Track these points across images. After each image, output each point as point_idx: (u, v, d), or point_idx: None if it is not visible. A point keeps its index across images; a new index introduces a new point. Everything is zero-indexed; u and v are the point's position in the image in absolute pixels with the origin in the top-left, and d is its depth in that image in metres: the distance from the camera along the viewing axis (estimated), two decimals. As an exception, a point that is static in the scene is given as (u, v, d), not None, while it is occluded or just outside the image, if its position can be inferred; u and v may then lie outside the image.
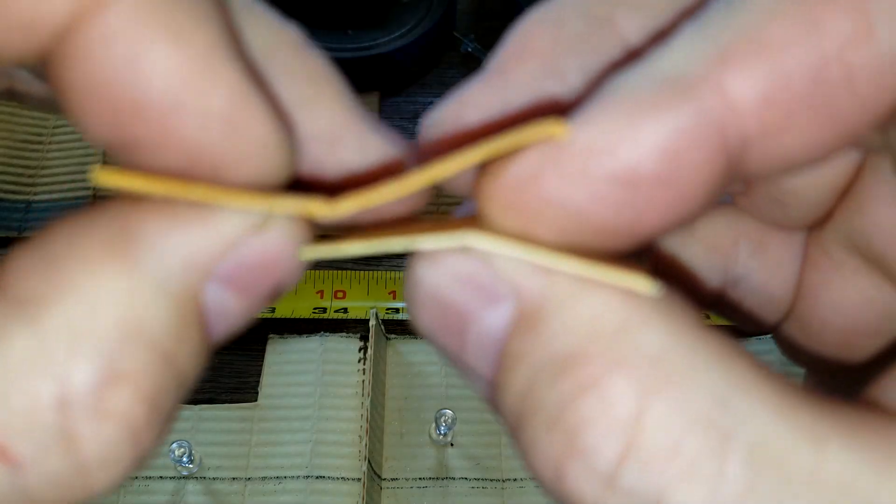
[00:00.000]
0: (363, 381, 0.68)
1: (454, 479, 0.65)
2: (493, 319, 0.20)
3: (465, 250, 0.20)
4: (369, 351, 0.68)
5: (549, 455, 0.18)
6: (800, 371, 0.31)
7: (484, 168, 0.21)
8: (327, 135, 0.23)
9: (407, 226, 0.21)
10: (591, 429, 0.18)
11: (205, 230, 0.19)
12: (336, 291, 0.73)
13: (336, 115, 0.23)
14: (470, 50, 0.88)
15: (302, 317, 0.72)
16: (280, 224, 0.20)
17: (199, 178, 0.19)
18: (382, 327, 0.70)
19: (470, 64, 0.88)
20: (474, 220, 0.21)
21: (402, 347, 0.71)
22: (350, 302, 0.73)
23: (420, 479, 0.66)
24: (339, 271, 0.74)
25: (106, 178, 0.18)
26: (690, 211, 0.20)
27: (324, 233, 0.22)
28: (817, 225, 0.28)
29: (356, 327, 0.72)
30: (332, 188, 0.23)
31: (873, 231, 0.26)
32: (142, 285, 0.18)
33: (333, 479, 0.65)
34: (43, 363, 0.18)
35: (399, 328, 0.71)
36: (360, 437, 0.65)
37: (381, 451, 0.66)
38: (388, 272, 0.75)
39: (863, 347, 0.28)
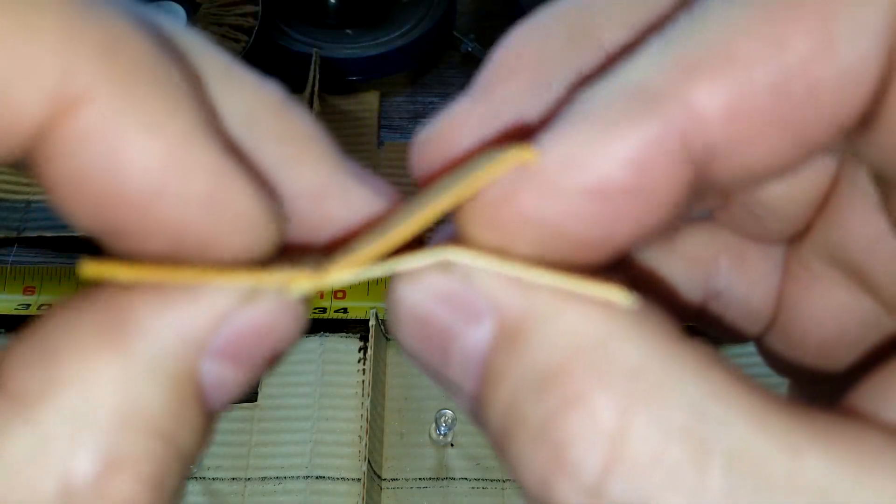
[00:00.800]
0: (363, 381, 0.68)
1: (454, 479, 0.66)
2: (475, 336, 0.20)
3: (445, 267, 0.20)
4: (369, 351, 0.68)
5: (536, 469, 0.19)
6: (783, 380, 0.31)
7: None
8: (313, 193, 0.23)
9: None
10: (576, 443, 0.18)
11: (196, 307, 0.20)
12: (336, 291, 0.73)
13: (321, 173, 0.23)
14: (470, 50, 0.88)
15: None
16: (272, 289, 0.20)
17: (187, 257, 0.20)
18: (382, 327, 0.70)
19: (470, 64, 0.88)
20: (454, 240, 0.22)
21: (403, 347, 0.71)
22: (350, 302, 0.73)
23: (420, 479, 0.65)
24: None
25: (93, 270, 0.19)
26: (661, 221, 0.21)
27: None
28: (796, 238, 0.28)
29: (356, 327, 0.72)
30: (322, 248, 0.24)
31: (851, 241, 0.26)
32: (137, 370, 0.19)
33: (333, 479, 0.65)
34: (44, 458, 0.18)
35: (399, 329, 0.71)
36: (360, 437, 0.65)
37: (381, 451, 0.66)
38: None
39: (843, 356, 0.29)
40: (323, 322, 0.72)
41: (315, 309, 0.72)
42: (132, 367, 0.19)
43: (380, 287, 0.74)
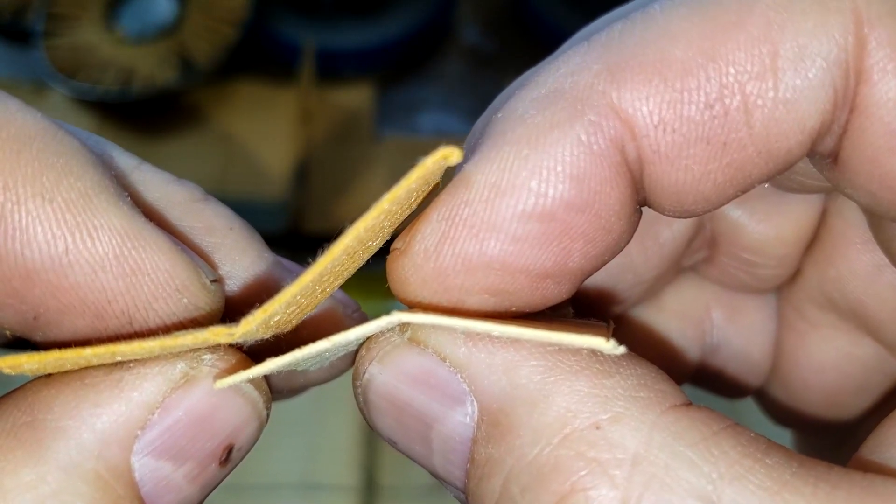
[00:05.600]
0: (360, 384, 0.67)
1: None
2: (456, 421, 0.19)
3: (412, 347, 0.19)
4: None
5: None
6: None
7: (390, 251, 0.20)
8: (239, 280, 0.22)
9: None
10: None
11: (119, 400, 0.18)
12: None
13: (244, 264, 0.22)
14: (471, 41, 0.86)
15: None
16: (207, 373, 0.19)
17: (114, 336, 0.18)
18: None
19: (468, 55, 0.86)
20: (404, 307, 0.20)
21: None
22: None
23: (419, 486, 0.64)
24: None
25: (5, 364, 0.18)
26: (615, 238, 0.19)
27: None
28: (788, 283, 0.27)
29: (352, 328, 0.70)
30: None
31: (846, 278, 0.25)
32: (53, 473, 0.17)
33: (329, 486, 0.63)
34: None
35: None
36: (356, 443, 0.64)
37: (379, 457, 0.65)
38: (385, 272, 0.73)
39: (848, 404, 0.27)
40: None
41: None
42: (48, 470, 0.17)
43: (379, 287, 0.72)
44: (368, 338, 0.20)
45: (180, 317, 0.19)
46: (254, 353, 0.21)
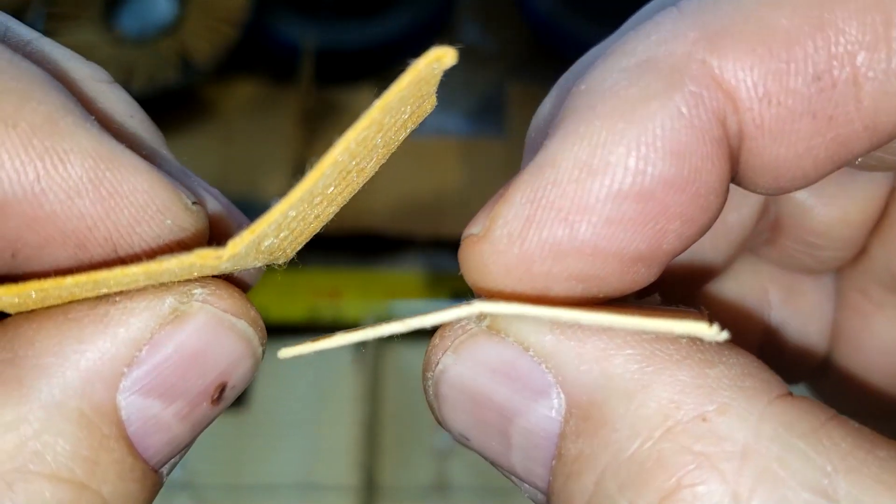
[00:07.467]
0: (359, 386, 0.66)
1: (455, 487, 0.64)
2: (541, 415, 0.17)
3: (491, 335, 0.18)
4: (366, 355, 0.66)
5: None
6: None
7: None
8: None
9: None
10: None
11: (103, 335, 0.17)
12: (331, 292, 0.72)
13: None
14: (471, 40, 0.86)
15: (295, 318, 0.70)
16: (202, 308, 0.18)
17: (99, 266, 0.17)
18: (379, 329, 0.68)
19: (468, 55, 0.86)
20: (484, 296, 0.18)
21: (400, 351, 0.69)
22: (345, 303, 0.71)
23: (419, 487, 0.64)
24: (335, 272, 0.72)
25: None
26: (710, 218, 0.18)
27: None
28: (849, 265, 0.26)
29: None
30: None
31: None
32: (35, 412, 0.17)
33: (329, 486, 0.63)
34: None
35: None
36: (356, 443, 0.63)
37: (379, 458, 0.65)
38: (385, 273, 0.73)
39: None
40: (317, 325, 0.70)
41: (309, 310, 0.71)
42: (29, 410, 0.17)
43: (378, 287, 0.72)
44: (441, 326, 0.19)
45: (165, 239, 0.18)
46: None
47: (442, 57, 0.16)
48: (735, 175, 0.19)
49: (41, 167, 0.17)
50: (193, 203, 0.19)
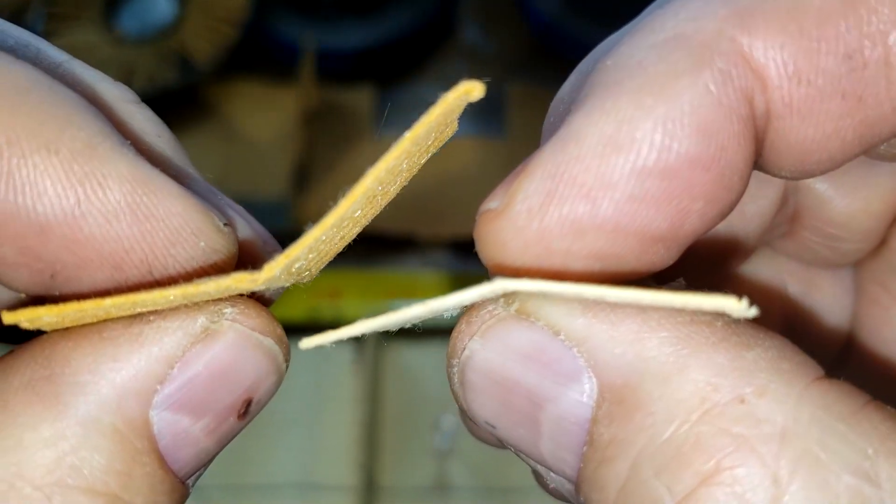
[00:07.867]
0: (359, 386, 0.66)
1: (455, 487, 0.64)
2: (572, 400, 0.17)
3: (521, 319, 0.17)
4: (366, 355, 0.66)
5: None
6: None
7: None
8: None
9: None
10: None
11: (138, 354, 0.18)
12: (331, 292, 0.72)
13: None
14: (472, 39, 0.86)
15: (296, 318, 0.70)
16: (231, 327, 0.19)
17: (135, 287, 0.18)
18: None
19: (468, 55, 0.86)
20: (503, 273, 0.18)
21: (401, 351, 0.69)
22: (346, 303, 0.71)
23: (419, 488, 0.63)
24: (335, 272, 0.72)
25: (15, 317, 0.17)
26: (733, 199, 0.18)
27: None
28: (868, 257, 0.26)
29: (352, 329, 0.70)
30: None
31: None
32: (72, 428, 0.17)
33: (329, 486, 0.63)
34: None
35: (396, 331, 0.69)
36: (356, 443, 0.63)
37: (379, 458, 0.64)
38: (385, 273, 0.73)
39: None
40: (317, 324, 0.70)
41: (309, 310, 0.71)
42: (66, 425, 0.17)
43: (377, 287, 0.72)
44: (467, 311, 0.19)
45: (199, 262, 0.19)
46: None
47: (470, 91, 0.17)
48: (759, 158, 0.18)
49: (81, 192, 0.17)
50: (225, 224, 0.19)
